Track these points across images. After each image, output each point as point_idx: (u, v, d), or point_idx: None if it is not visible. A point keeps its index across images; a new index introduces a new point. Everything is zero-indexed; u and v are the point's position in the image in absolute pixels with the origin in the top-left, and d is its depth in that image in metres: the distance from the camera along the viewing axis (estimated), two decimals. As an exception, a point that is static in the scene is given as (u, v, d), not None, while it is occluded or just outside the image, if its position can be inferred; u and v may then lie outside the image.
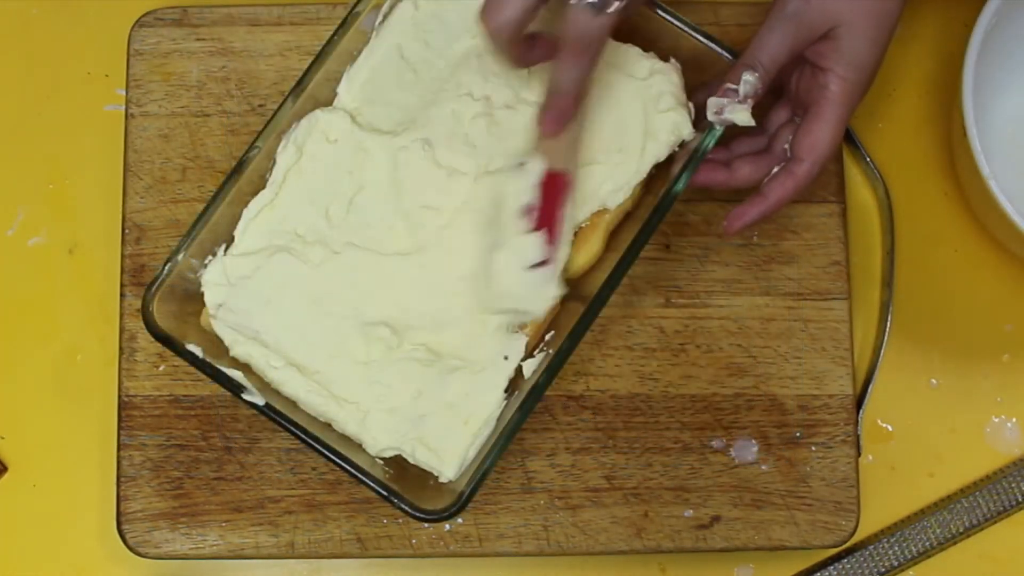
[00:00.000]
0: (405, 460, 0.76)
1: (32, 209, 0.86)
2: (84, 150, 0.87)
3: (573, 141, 0.74)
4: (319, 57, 0.77)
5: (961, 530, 0.83)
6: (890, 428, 0.85)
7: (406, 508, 0.72)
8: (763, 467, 0.81)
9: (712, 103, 0.73)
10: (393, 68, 0.79)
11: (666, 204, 0.74)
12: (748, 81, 0.72)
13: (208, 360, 0.74)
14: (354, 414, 0.76)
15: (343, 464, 0.73)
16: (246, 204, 0.77)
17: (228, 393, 0.77)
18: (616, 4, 0.65)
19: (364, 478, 0.72)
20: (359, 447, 0.76)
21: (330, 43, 0.77)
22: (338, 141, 0.78)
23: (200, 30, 0.85)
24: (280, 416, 0.73)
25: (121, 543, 0.80)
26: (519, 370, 0.76)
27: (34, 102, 0.87)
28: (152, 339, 0.81)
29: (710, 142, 0.74)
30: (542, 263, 0.74)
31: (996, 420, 0.85)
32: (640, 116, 0.77)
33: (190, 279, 0.76)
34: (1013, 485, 0.83)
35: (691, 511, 0.81)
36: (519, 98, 0.78)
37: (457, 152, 0.78)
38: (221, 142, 0.84)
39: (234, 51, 0.85)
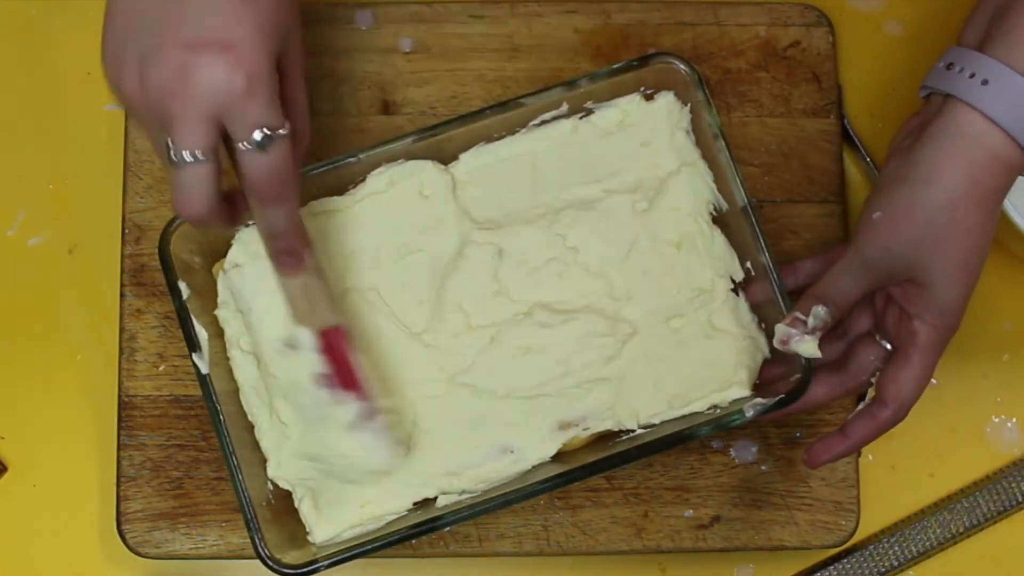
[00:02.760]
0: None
1: (32, 209, 0.86)
2: (84, 150, 0.87)
3: (319, 291, 0.72)
4: (461, 120, 0.78)
5: (961, 530, 0.83)
6: (890, 428, 0.85)
7: (256, 542, 0.73)
8: (763, 467, 0.81)
9: (780, 331, 0.72)
10: (519, 170, 0.79)
11: (677, 439, 0.74)
12: (818, 315, 0.71)
13: (187, 305, 0.75)
14: (277, 431, 0.76)
15: (233, 470, 0.73)
16: (313, 195, 0.78)
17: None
18: (279, 133, 0.62)
19: (242, 495, 0.73)
20: (263, 463, 0.76)
21: (480, 115, 0.77)
22: (429, 199, 0.78)
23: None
24: (209, 392, 0.74)
25: (121, 543, 0.80)
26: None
27: (34, 102, 0.87)
28: (150, 339, 0.81)
29: (738, 420, 0.74)
30: (367, 417, 0.73)
31: (996, 420, 0.85)
32: (714, 371, 0.77)
33: (226, 231, 0.77)
34: (1013, 485, 0.83)
35: (691, 511, 0.81)
36: (591, 268, 0.78)
37: (518, 279, 0.78)
38: (221, 142, 0.84)
39: (234, 51, 0.85)
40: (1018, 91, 0.64)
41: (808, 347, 0.71)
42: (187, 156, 0.62)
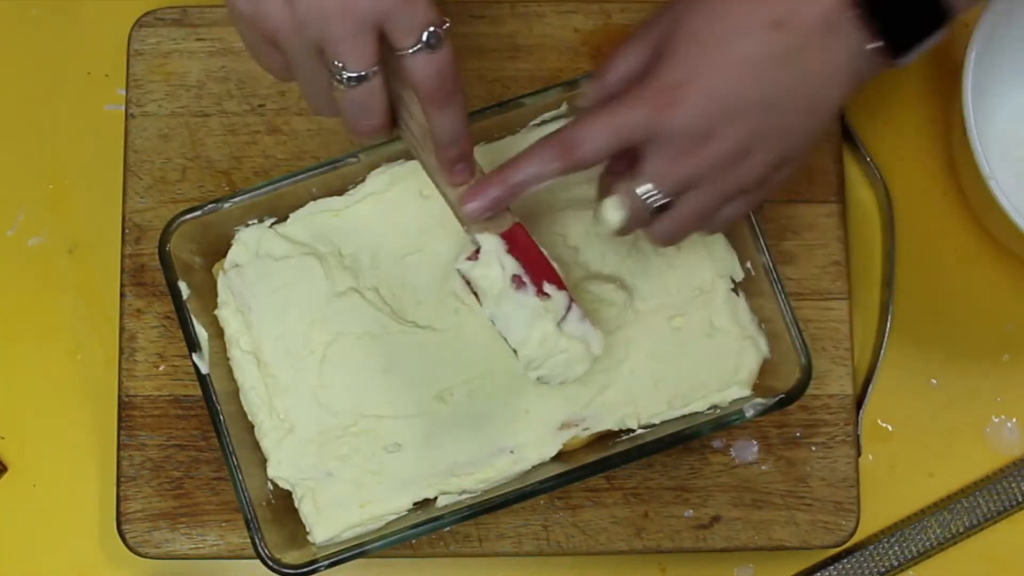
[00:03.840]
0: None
1: (32, 209, 0.86)
2: (84, 150, 0.87)
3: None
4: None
5: (961, 530, 0.83)
6: (890, 428, 0.85)
7: (256, 542, 0.73)
8: (763, 467, 0.81)
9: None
10: None
11: (677, 439, 0.74)
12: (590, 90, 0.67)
13: (187, 305, 0.75)
14: (277, 429, 0.76)
15: (233, 470, 0.74)
16: (313, 195, 0.78)
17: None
18: (444, 28, 0.60)
19: (242, 495, 0.73)
20: (263, 463, 0.76)
21: (480, 115, 0.77)
22: (429, 199, 0.78)
23: (200, 30, 0.85)
24: (209, 392, 0.74)
25: (121, 543, 0.80)
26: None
27: (34, 102, 0.87)
28: (150, 339, 0.81)
29: (737, 420, 0.74)
30: (569, 307, 0.71)
31: (996, 420, 0.85)
32: (715, 370, 0.77)
33: (227, 230, 0.77)
34: (1013, 485, 0.83)
35: (691, 511, 0.81)
36: (590, 271, 0.78)
37: None
38: (221, 142, 0.84)
39: (234, 51, 0.85)
40: None
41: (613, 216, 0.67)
42: (356, 73, 0.60)
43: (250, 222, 0.78)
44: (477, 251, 0.70)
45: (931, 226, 0.87)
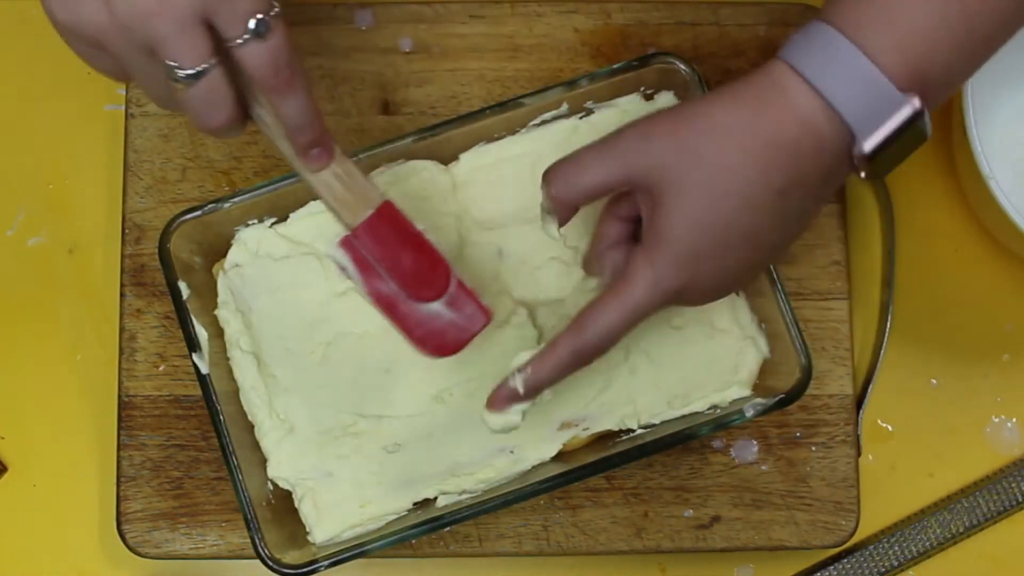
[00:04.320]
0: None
1: (32, 209, 0.86)
2: (84, 150, 0.87)
3: (356, 174, 0.67)
4: (461, 120, 0.78)
5: (961, 530, 0.83)
6: (890, 428, 0.85)
7: (256, 542, 0.73)
8: (763, 467, 0.81)
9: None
10: (519, 170, 0.79)
11: (677, 439, 0.74)
12: (543, 198, 0.66)
13: (187, 305, 0.75)
14: (277, 429, 0.76)
15: (233, 470, 0.74)
16: (313, 195, 0.78)
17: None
18: (272, 14, 0.58)
19: (242, 495, 0.73)
20: (263, 463, 0.76)
21: (480, 115, 0.77)
22: (429, 199, 0.78)
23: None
24: (209, 392, 0.74)
25: (121, 543, 0.80)
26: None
27: (34, 102, 0.87)
28: (150, 339, 0.81)
29: (738, 420, 0.74)
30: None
31: (996, 420, 0.85)
32: (714, 370, 0.77)
33: (227, 230, 0.78)
34: (1013, 485, 0.83)
35: (691, 511, 0.81)
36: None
37: (519, 279, 0.78)
38: (221, 142, 0.84)
39: (234, 51, 0.85)
40: (825, 42, 0.60)
41: (549, 228, 0.68)
42: (192, 70, 0.58)
43: (250, 222, 0.78)
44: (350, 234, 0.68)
45: (931, 226, 0.87)
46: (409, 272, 0.67)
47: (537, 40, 0.85)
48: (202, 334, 0.76)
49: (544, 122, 0.79)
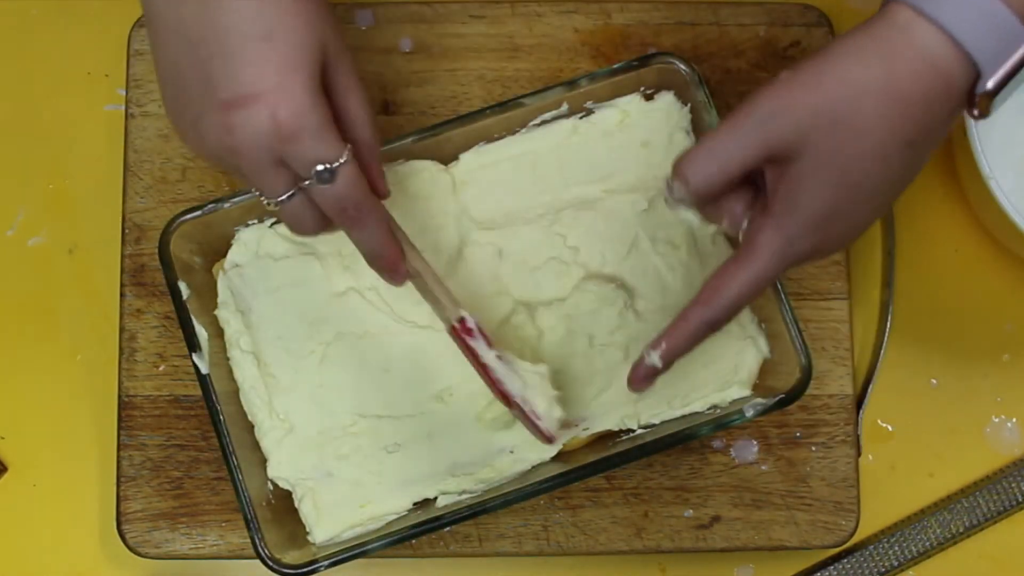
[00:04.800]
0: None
1: (32, 209, 0.86)
2: (84, 150, 0.87)
3: (428, 292, 0.71)
4: (461, 120, 0.78)
5: (961, 530, 0.83)
6: (890, 428, 0.85)
7: (256, 542, 0.73)
8: (763, 467, 0.81)
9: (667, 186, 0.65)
10: (519, 170, 0.79)
11: (677, 439, 0.74)
12: (677, 189, 0.64)
13: (187, 305, 0.75)
14: (277, 429, 0.76)
15: (233, 470, 0.74)
16: None
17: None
18: (339, 163, 0.62)
19: (242, 495, 0.73)
20: (263, 463, 0.76)
21: (480, 115, 0.77)
22: (429, 200, 0.78)
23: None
24: (209, 392, 0.74)
25: (121, 543, 0.80)
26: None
27: (34, 102, 0.87)
28: (150, 339, 0.81)
29: (738, 420, 0.74)
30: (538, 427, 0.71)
31: (996, 420, 0.85)
32: (714, 370, 0.77)
33: (227, 230, 0.78)
34: (1013, 485, 0.83)
35: (691, 511, 0.81)
36: (590, 270, 0.78)
37: (519, 279, 0.78)
38: (221, 142, 0.84)
39: (234, 51, 0.85)
40: None
41: (687, 215, 0.66)
42: (276, 199, 0.63)
43: (250, 222, 0.78)
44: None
45: (931, 226, 0.87)
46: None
47: (537, 40, 0.85)
48: (202, 334, 0.76)
49: (544, 122, 0.79)
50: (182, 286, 0.75)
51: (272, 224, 0.78)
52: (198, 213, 0.76)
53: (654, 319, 0.78)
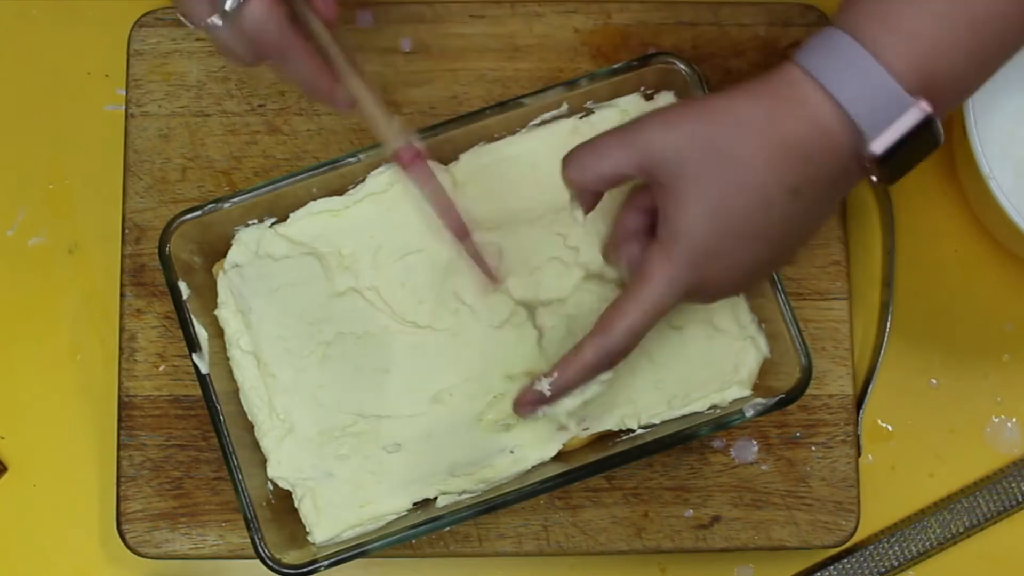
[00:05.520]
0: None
1: (32, 209, 0.86)
2: (84, 150, 0.87)
3: (372, 106, 0.71)
4: (461, 120, 0.78)
5: (961, 530, 0.83)
6: (890, 428, 0.85)
7: (256, 542, 0.73)
8: (763, 467, 0.81)
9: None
10: (519, 170, 0.79)
11: (677, 439, 0.74)
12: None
13: (187, 305, 0.75)
14: (277, 429, 0.76)
15: (233, 470, 0.74)
16: (313, 195, 0.78)
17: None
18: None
19: (242, 495, 0.73)
20: (263, 463, 0.76)
21: (480, 115, 0.77)
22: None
23: (200, 30, 0.85)
24: (209, 392, 0.74)
25: (121, 543, 0.80)
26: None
27: (34, 102, 0.87)
28: (150, 339, 0.81)
29: (738, 420, 0.74)
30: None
31: (996, 420, 0.85)
32: (714, 370, 0.77)
33: (227, 230, 0.78)
34: (1013, 485, 0.83)
35: (691, 511, 0.81)
36: (590, 271, 0.78)
37: (519, 279, 0.78)
38: (221, 142, 0.84)
39: (234, 51, 0.85)
40: (835, 45, 0.61)
41: (575, 212, 0.69)
42: (199, 24, 0.64)
43: (250, 222, 0.78)
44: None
45: (931, 226, 0.87)
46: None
47: (537, 40, 0.85)
48: (202, 334, 0.76)
49: (544, 122, 0.79)
50: (182, 286, 0.75)
51: (272, 224, 0.78)
52: (198, 213, 0.76)
53: None
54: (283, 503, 0.77)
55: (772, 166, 0.61)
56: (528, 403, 0.70)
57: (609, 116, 0.79)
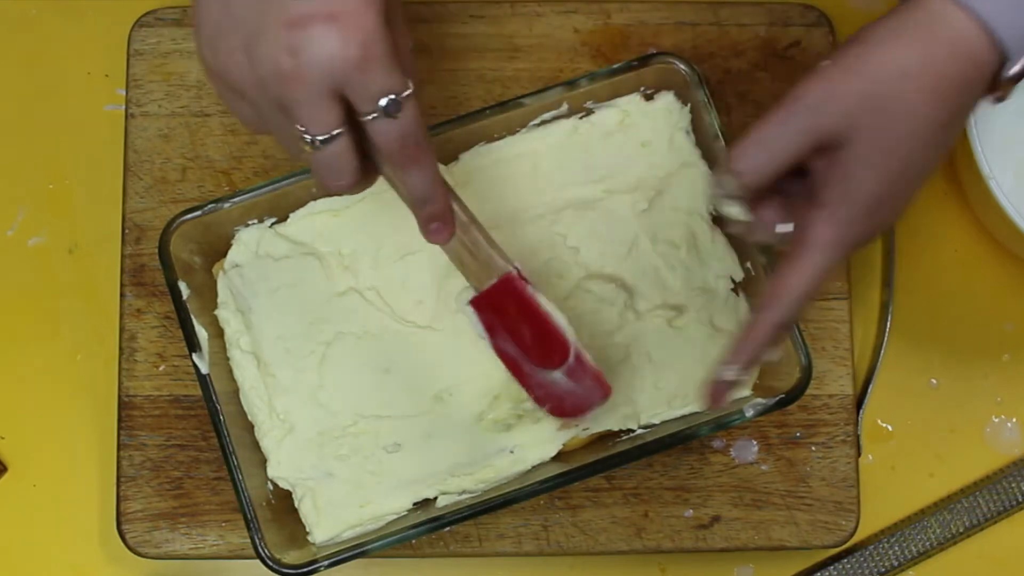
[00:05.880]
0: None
1: (32, 209, 0.86)
2: (84, 150, 0.87)
3: (481, 244, 0.69)
4: (461, 120, 0.78)
5: (961, 530, 0.83)
6: (890, 428, 0.85)
7: (256, 542, 0.73)
8: (763, 467, 0.81)
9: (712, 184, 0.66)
10: (519, 170, 0.79)
11: (677, 439, 0.74)
12: (728, 185, 0.64)
13: (187, 305, 0.75)
14: (277, 429, 0.76)
15: (233, 470, 0.74)
16: (313, 195, 0.78)
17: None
18: (405, 95, 0.58)
19: (242, 495, 0.73)
20: (263, 463, 0.76)
21: (480, 115, 0.77)
22: None
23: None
24: (209, 392, 0.74)
25: (121, 543, 0.80)
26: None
27: (34, 102, 0.87)
28: (150, 339, 0.81)
29: (738, 420, 0.74)
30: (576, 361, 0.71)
31: (996, 420, 0.85)
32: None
33: (227, 230, 0.78)
34: (1013, 485, 0.83)
35: (691, 511, 0.81)
36: (590, 271, 0.78)
37: None
38: (221, 142, 0.84)
39: (234, 51, 0.85)
40: None
41: (732, 210, 0.65)
42: (320, 137, 0.58)
43: (250, 222, 0.78)
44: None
45: (931, 226, 0.87)
46: (528, 342, 0.70)
47: (537, 40, 0.85)
48: (202, 334, 0.76)
49: (544, 122, 0.79)
50: (182, 286, 0.75)
51: (272, 224, 0.78)
52: (198, 213, 0.76)
53: (654, 319, 0.78)
54: (283, 503, 0.77)
55: (933, 107, 0.61)
56: (718, 394, 0.68)
57: (609, 116, 0.79)
